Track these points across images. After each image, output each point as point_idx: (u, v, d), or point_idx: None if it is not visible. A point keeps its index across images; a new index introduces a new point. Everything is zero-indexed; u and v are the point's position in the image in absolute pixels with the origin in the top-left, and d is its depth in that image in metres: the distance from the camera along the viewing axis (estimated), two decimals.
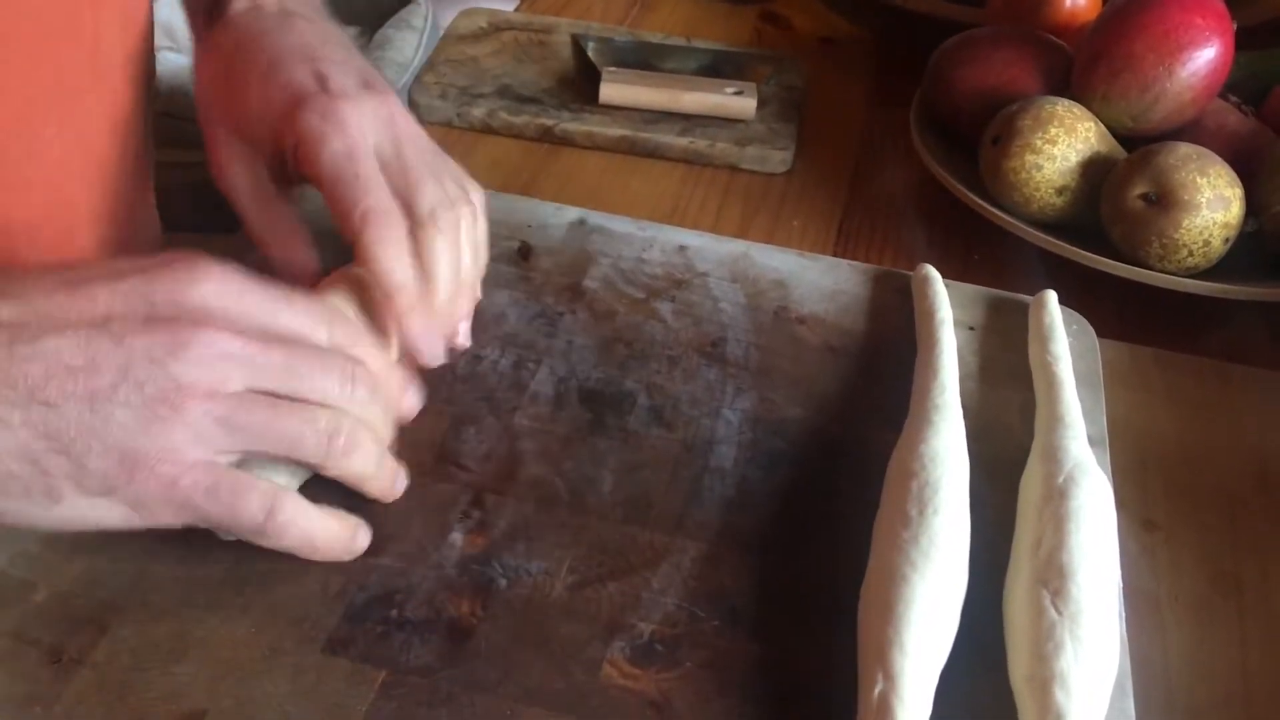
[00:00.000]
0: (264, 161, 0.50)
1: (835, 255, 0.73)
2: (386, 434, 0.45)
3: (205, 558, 0.43)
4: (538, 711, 0.39)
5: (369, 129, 0.47)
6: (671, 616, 0.43)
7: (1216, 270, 0.67)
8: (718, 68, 0.88)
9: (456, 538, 0.45)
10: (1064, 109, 0.70)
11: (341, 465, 0.42)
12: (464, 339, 0.53)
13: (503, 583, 0.44)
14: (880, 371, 0.55)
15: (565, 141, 0.81)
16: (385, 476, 0.45)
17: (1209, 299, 0.67)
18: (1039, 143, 0.69)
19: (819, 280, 0.61)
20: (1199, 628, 0.50)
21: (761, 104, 0.84)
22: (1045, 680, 0.39)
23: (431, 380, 0.50)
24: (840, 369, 0.55)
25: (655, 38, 0.93)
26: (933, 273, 0.60)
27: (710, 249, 0.62)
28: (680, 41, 0.93)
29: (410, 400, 0.47)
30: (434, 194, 0.47)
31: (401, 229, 0.46)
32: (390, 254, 0.45)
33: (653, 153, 0.81)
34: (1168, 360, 0.64)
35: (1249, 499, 0.56)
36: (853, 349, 0.57)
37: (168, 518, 0.39)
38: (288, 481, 0.43)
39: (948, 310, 0.57)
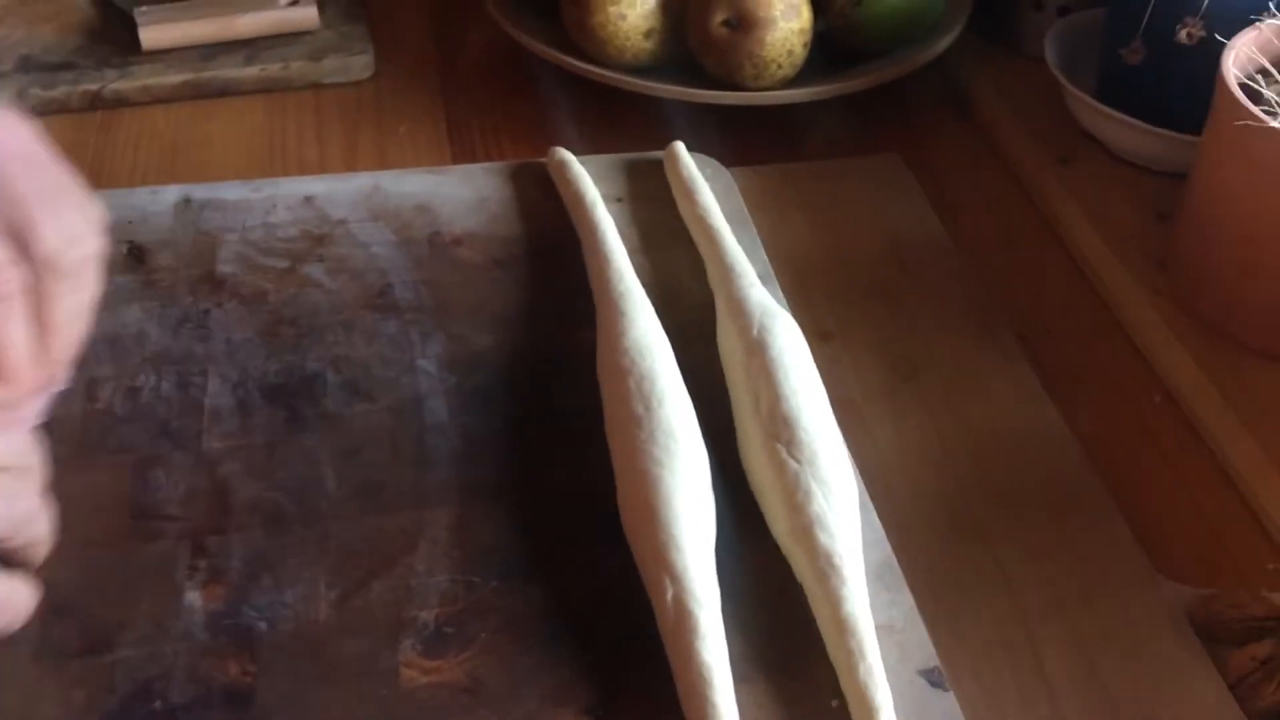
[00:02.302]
0: None
1: (454, 155, 0.71)
2: None
3: None
4: None
5: None
6: (449, 594, 0.42)
7: (803, 75, 0.71)
8: None
9: (192, 597, 0.41)
10: None
11: None
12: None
13: (262, 626, 0.41)
14: (554, 271, 0.55)
15: (120, 103, 0.73)
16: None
17: (802, 104, 0.71)
18: (610, 6, 0.69)
19: (459, 193, 0.59)
20: (894, 416, 0.54)
21: (320, 8, 0.78)
22: (805, 528, 0.42)
23: (87, 433, 0.45)
24: (514, 281, 0.55)
25: None
26: (566, 155, 0.60)
27: (338, 191, 0.58)
28: None
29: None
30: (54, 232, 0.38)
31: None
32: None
33: (224, 91, 0.74)
34: (788, 173, 0.68)
35: (896, 284, 0.62)
36: (519, 256, 0.56)
37: None
38: None
39: (594, 190, 0.57)
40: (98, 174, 0.68)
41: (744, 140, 0.71)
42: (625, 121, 0.73)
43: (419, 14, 0.83)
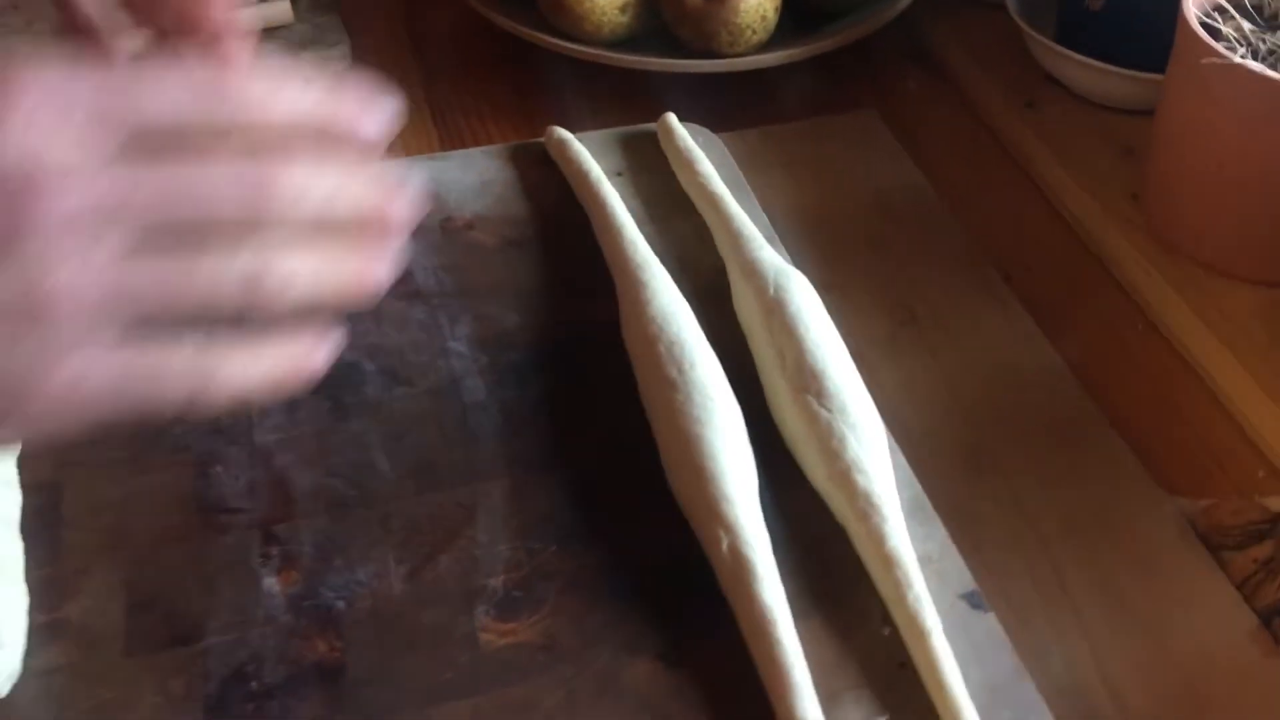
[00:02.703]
0: None
1: (441, 140, 0.72)
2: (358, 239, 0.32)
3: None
4: (448, 708, 0.40)
5: None
6: (512, 561, 0.44)
7: (775, 39, 0.73)
8: None
9: (270, 583, 0.43)
10: None
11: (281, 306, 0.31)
12: None
13: (341, 605, 0.43)
14: (565, 247, 0.57)
15: None
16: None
17: (776, 67, 0.73)
18: None
19: (463, 179, 0.61)
20: (898, 360, 0.57)
21: (292, 1, 0.79)
22: (843, 473, 0.45)
23: (141, 437, 0.47)
24: (528, 260, 0.56)
25: None
26: (565, 134, 0.61)
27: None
28: None
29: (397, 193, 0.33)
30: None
31: None
32: None
33: None
34: (770, 135, 0.71)
35: (886, 235, 0.64)
36: (529, 235, 0.58)
37: (80, 425, 0.30)
38: None
39: (595, 166, 0.59)
40: None
41: (722, 107, 0.73)
42: (604, 97, 0.74)
43: (391, 1, 0.84)
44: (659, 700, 0.40)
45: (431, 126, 0.74)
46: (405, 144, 0.72)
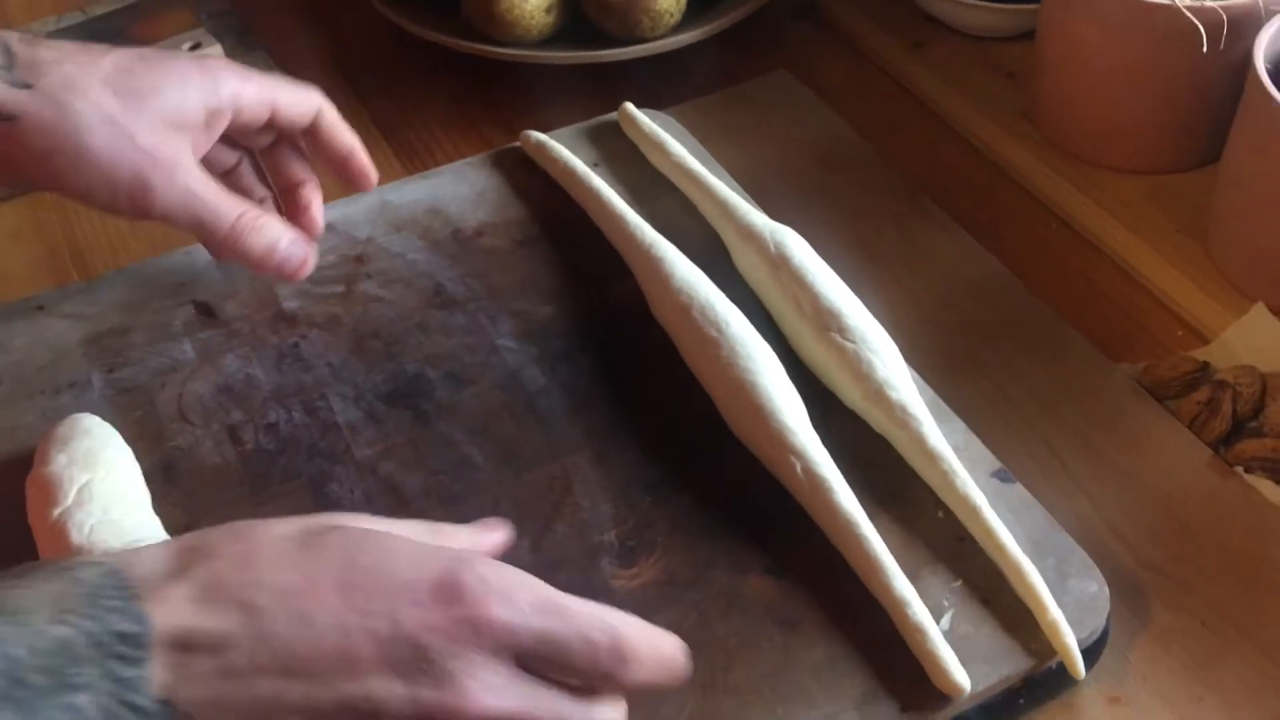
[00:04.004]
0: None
1: (399, 159, 0.77)
2: None
3: None
4: None
5: None
6: (617, 517, 0.51)
7: (686, 19, 0.80)
8: (138, 33, 0.84)
9: None
10: None
11: None
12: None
13: None
14: (570, 239, 0.63)
15: None
16: None
17: (691, 45, 0.80)
18: None
19: (458, 191, 0.66)
20: (870, 290, 0.64)
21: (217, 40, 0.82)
22: (877, 391, 0.53)
23: (251, 472, 0.52)
24: (542, 256, 0.63)
25: (45, 25, 0.85)
26: (540, 136, 0.67)
27: (352, 213, 0.65)
28: (75, 18, 0.86)
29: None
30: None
31: None
32: None
33: None
34: (700, 108, 0.78)
35: (829, 182, 0.72)
36: (535, 233, 0.64)
37: None
38: None
39: (580, 162, 0.65)
40: (75, 250, 0.72)
41: (652, 88, 0.79)
42: (541, 94, 0.80)
43: (313, 35, 0.87)
44: (777, 605, 0.48)
45: (385, 146, 0.78)
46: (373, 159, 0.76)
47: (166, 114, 0.50)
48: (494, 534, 0.44)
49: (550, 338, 0.58)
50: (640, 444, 0.54)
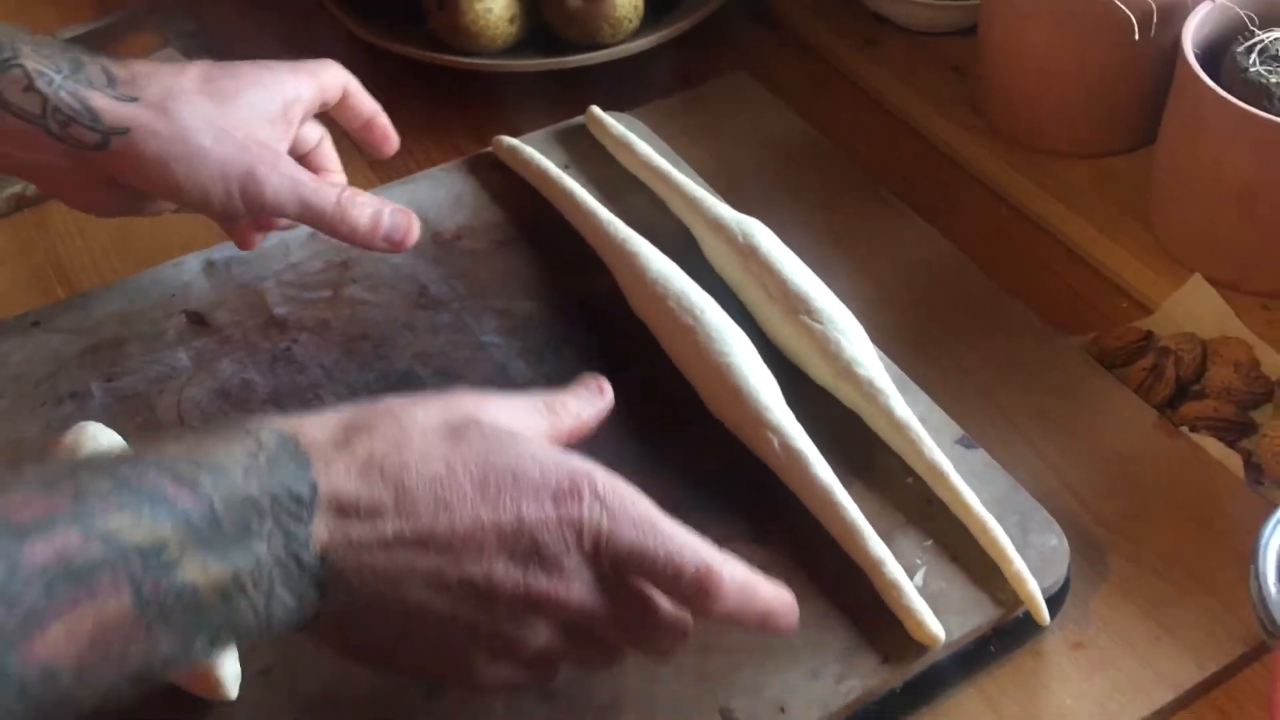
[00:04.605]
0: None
1: (373, 169, 0.79)
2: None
3: None
4: None
5: None
6: None
7: (644, 24, 0.83)
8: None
9: None
10: None
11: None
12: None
13: None
14: (546, 238, 0.66)
15: (45, 198, 0.77)
16: None
17: (650, 49, 0.83)
18: (476, 4, 0.79)
19: (435, 195, 0.69)
20: (837, 275, 0.68)
21: None
22: (846, 369, 0.56)
23: None
24: (520, 256, 0.65)
25: None
26: (512, 140, 0.70)
27: None
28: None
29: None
30: None
31: None
32: None
33: None
34: (662, 109, 0.81)
35: (793, 176, 0.76)
36: (512, 235, 0.67)
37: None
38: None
39: (550, 164, 0.68)
40: (59, 268, 0.74)
41: (615, 92, 0.83)
42: (508, 101, 0.83)
43: (283, 53, 0.88)
44: (762, 570, 0.50)
45: (359, 158, 0.80)
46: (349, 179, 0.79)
47: (255, 113, 0.55)
48: (600, 400, 0.48)
49: (533, 332, 0.61)
50: (626, 428, 0.57)
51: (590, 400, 0.48)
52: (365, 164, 0.79)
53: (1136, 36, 0.68)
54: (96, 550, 0.33)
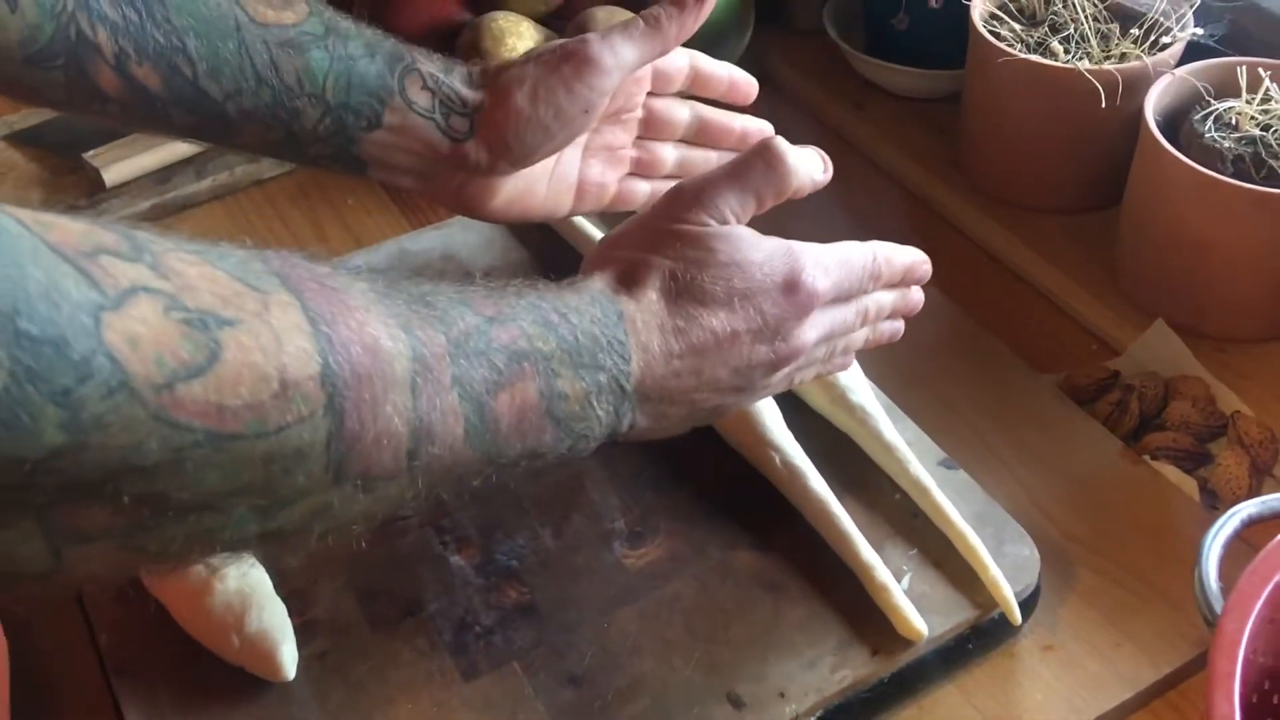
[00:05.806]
0: None
1: (403, 213, 0.86)
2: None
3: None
4: (621, 613, 0.55)
5: None
6: (624, 507, 0.60)
7: None
8: None
9: (456, 560, 0.58)
10: (504, 19, 0.87)
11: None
12: None
13: (514, 563, 0.58)
14: (568, 274, 0.72)
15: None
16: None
17: None
18: (505, 53, 0.86)
19: (467, 238, 0.75)
20: None
21: None
22: (840, 396, 0.63)
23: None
24: None
25: None
26: None
27: (376, 261, 0.74)
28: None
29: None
30: None
31: None
32: None
33: (184, 205, 0.86)
34: None
35: (787, 227, 0.82)
36: (538, 272, 0.73)
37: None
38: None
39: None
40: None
41: None
42: None
43: None
44: (764, 574, 0.57)
45: (393, 207, 0.87)
46: (376, 220, 0.85)
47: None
48: (823, 167, 0.62)
49: None
50: (641, 449, 0.63)
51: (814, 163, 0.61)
52: (398, 211, 0.86)
53: (1104, 105, 0.75)
54: (524, 346, 0.43)
